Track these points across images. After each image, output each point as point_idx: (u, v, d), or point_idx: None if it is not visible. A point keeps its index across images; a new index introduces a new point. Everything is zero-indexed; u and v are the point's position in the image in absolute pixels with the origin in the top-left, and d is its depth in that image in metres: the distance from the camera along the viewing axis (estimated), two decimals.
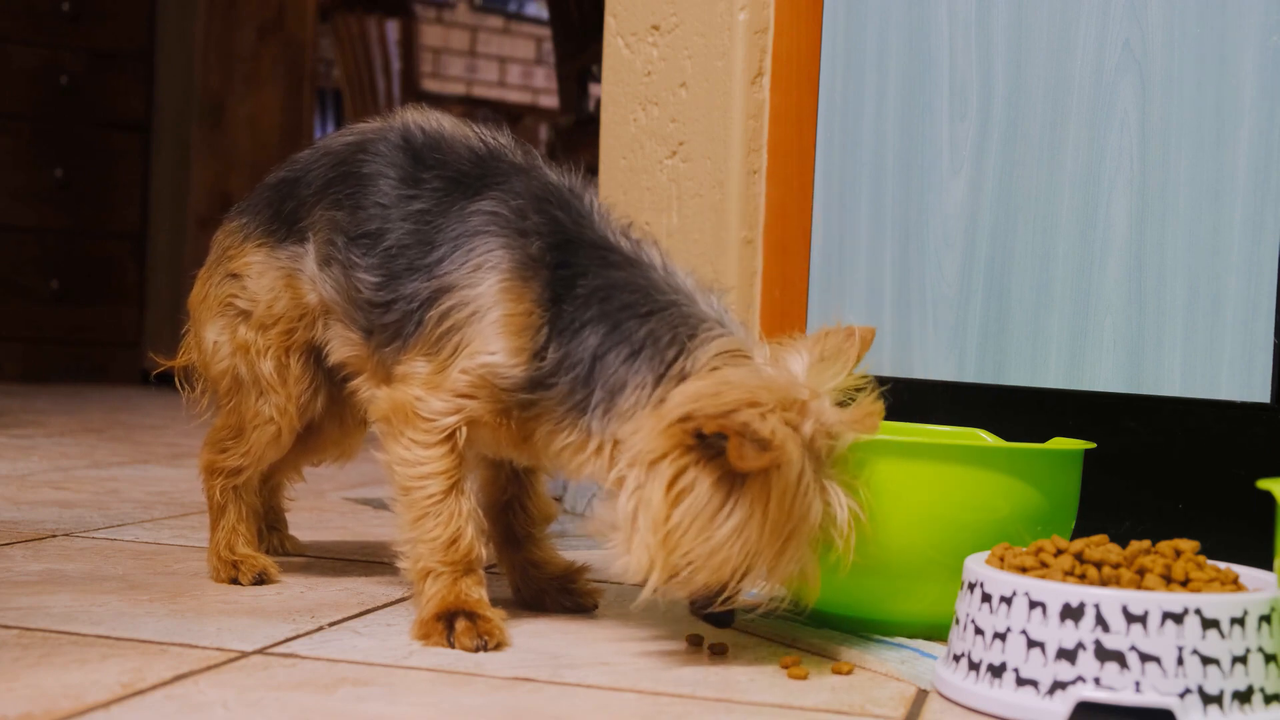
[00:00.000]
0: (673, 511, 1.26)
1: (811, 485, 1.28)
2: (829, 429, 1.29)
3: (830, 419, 1.30)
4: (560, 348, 1.35)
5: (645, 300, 1.35)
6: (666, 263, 1.40)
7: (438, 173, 1.47)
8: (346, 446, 1.75)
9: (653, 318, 1.34)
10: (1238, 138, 1.64)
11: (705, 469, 1.26)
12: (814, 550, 1.31)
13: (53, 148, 4.93)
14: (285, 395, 1.60)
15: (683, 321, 1.34)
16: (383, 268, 1.46)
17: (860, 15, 2.04)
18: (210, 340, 1.63)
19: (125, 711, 1.08)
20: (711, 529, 1.26)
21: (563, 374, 1.35)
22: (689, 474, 1.26)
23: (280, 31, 5.11)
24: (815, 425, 1.28)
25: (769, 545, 1.27)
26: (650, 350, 1.32)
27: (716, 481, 1.26)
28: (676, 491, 1.26)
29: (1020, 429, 1.69)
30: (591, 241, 1.39)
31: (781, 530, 1.27)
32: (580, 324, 1.35)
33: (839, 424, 1.30)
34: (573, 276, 1.37)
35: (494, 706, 1.15)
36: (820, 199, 2.10)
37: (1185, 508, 1.67)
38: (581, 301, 1.36)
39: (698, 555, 1.27)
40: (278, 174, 1.63)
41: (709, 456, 1.26)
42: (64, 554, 1.75)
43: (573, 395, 1.35)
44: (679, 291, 1.36)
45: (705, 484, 1.26)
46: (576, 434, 1.36)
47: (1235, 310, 1.63)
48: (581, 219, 1.41)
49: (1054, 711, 1.16)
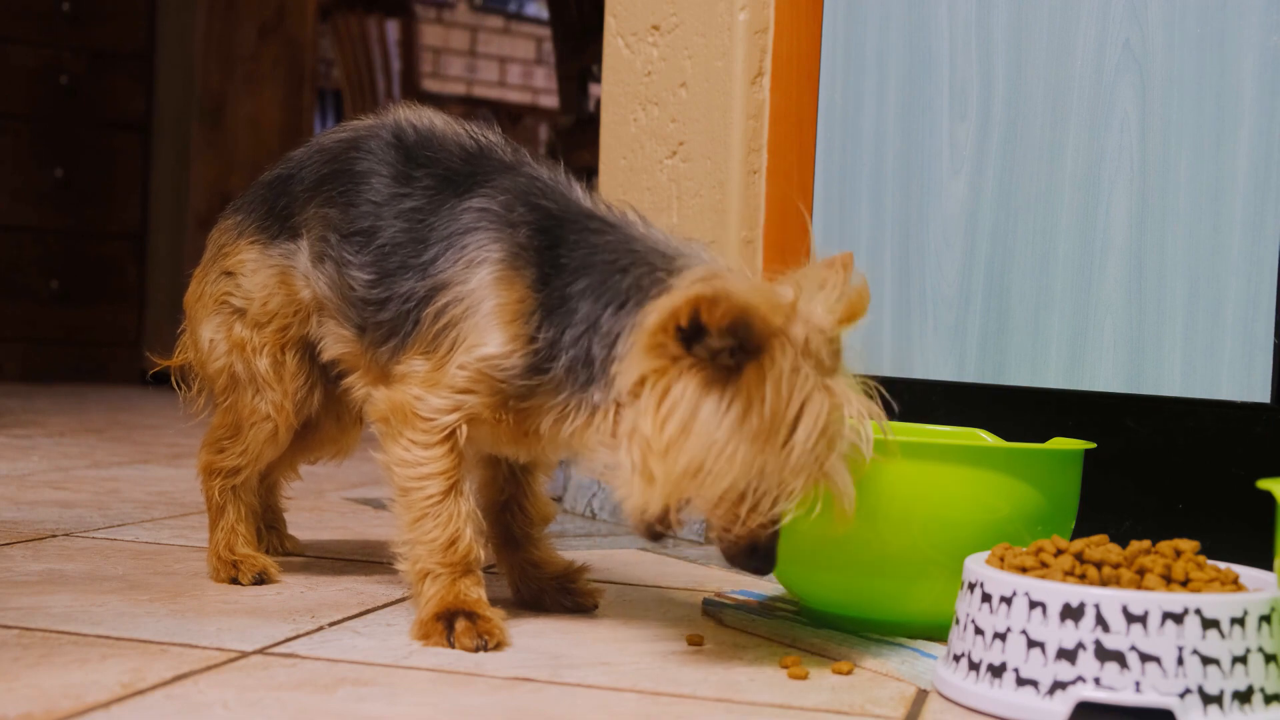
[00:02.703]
0: (665, 426, 1.22)
1: (811, 379, 1.23)
2: (821, 327, 1.25)
3: (820, 317, 1.25)
4: (553, 327, 1.35)
5: (626, 254, 1.35)
6: (647, 223, 1.40)
7: (429, 170, 1.47)
8: (343, 444, 1.75)
9: (634, 268, 1.33)
10: (1238, 138, 1.64)
11: (691, 375, 1.22)
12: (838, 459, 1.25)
13: (53, 148, 4.93)
14: (281, 392, 1.60)
15: (664, 263, 1.33)
16: (376, 265, 1.46)
17: (860, 15, 2.04)
18: (206, 338, 1.63)
19: (125, 711, 1.08)
20: (709, 432, 1.21)
21: (560, 356, 1.34)
22: (676, 387, 1.23)
23: (280, 31, 5.11)
24: (806, 326, 1.24)
25: (773, 444, 1.22)
26: (636, 296, 1.31)
27: (704, 384, 1.22)
28: (666, 407, 1.23)
29: (1020, 429, 1.69)
30: (574, 217, 1.39)
31: (784, 424, 1.22)
32: (572, 296, 1.35)
33: (830, 319, 1.26)
34: (560, 254, 1.37)
35: (494, 706, 1.15)
36: (820, 199, 2.10)
37: (1185, 508, 1.67)
38: (570, 274, 1.36)
39: (702, 464, 1.22)
40: (273, 171, 1.63)
41: (692, 363, 1.22)
42: (64, 554, 1.75)
43: (572, 376, 1.34)
44: (660, 243, 1.36)
45: (692, 389, 1.22)
46: (583, 412, 1.34)
47: (1235, 310, 1.63)
48: (568, 203, 1.41)
49: (1054, 711, 1.16)
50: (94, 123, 5.00)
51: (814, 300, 1.26)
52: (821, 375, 1.24)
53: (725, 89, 2.14)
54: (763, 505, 1.25)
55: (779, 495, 1.24)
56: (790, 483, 1.24)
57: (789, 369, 1.22)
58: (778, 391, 1.22)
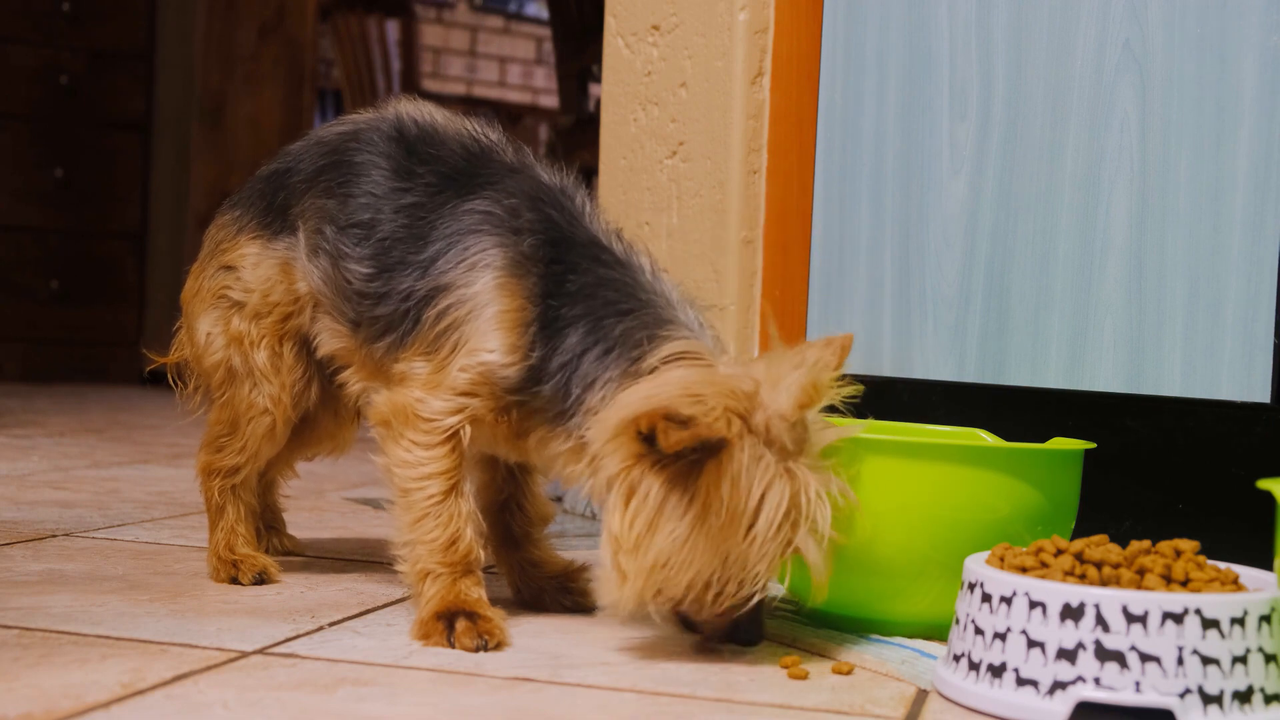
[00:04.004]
0: (633, 524, 1.26)
1: (772, 468, 1.26)
2: (783, 413, 1.27)
3: (782, 403, 1.27)
4: (546, 344, 1.36)
5: (627, 299, 1.36)
6: (655, 268, 1.41)
7: (431, 167, 1.47)
8: (341, 439, 1.75)
9: (629, 316, 1.34)
10: (1238, 138, 1.64)
11: (655, 473, 1.26)
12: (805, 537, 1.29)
13: (53, 148, 4.92)
14: (279, 384, 1.60)
15: (655, 322, 1.34)
16: (374, 259, 1.46)
17: (860, 15, 2.04)
18: (203, 333, 1.63)
19: (125, 711, 1.08)
20: (671, 529, 1.25)
21: (547, 379, 1.36)
22: (641, 485, 1.26)
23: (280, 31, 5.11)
24: (766, 413, 1.27)
25: (735, 536, 1.25)
26: (621, 349, 1.33)
27: (668, 482, 1.26)
28: (634, 506, 1.26)
29: (1020, 429, 1.69)
30: (584, 241, 1.40)
31: (743, 516, 1.25)
32: (565, 321, 1.36)
33: (791, 404, 1.27)
34: (564, 273, 1.38)
35: (494, 706, 1.15)
36: (820, 199, 2.10)
37: (1185, 508, 1.67)
38: (569, 298, 1.36)
39: (668, 559, 1.26)
40: (270, 165, 1.63)
41: (656, 460, 1.26)
42: (64, 554, 1.75)
43: (555, 402, 1.36)
44: (660, 295, 1.37)
45: (656, 486, 1.26)
46: (571, 441, 1.36)
47: (1235, 310, 1.63)
48: (574, 218, 1.42)
49: (1054, 711, 1.16)
50: (94, 123, 4.99)
51: (778, 386, 1.28)
52: (784, 459, 1.27)
53: (725, 89, 2.14)
54: (728, 590, 1.29)
55: (744, 580, 1.28)
56: (754, 568, 1.28)
57: (748, 461, 1.25)
58: (735, 487, 1.25)
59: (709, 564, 1.27)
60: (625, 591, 1.28)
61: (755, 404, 1.27)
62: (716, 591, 1.28)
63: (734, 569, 1.27)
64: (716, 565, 1.27)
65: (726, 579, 1.28)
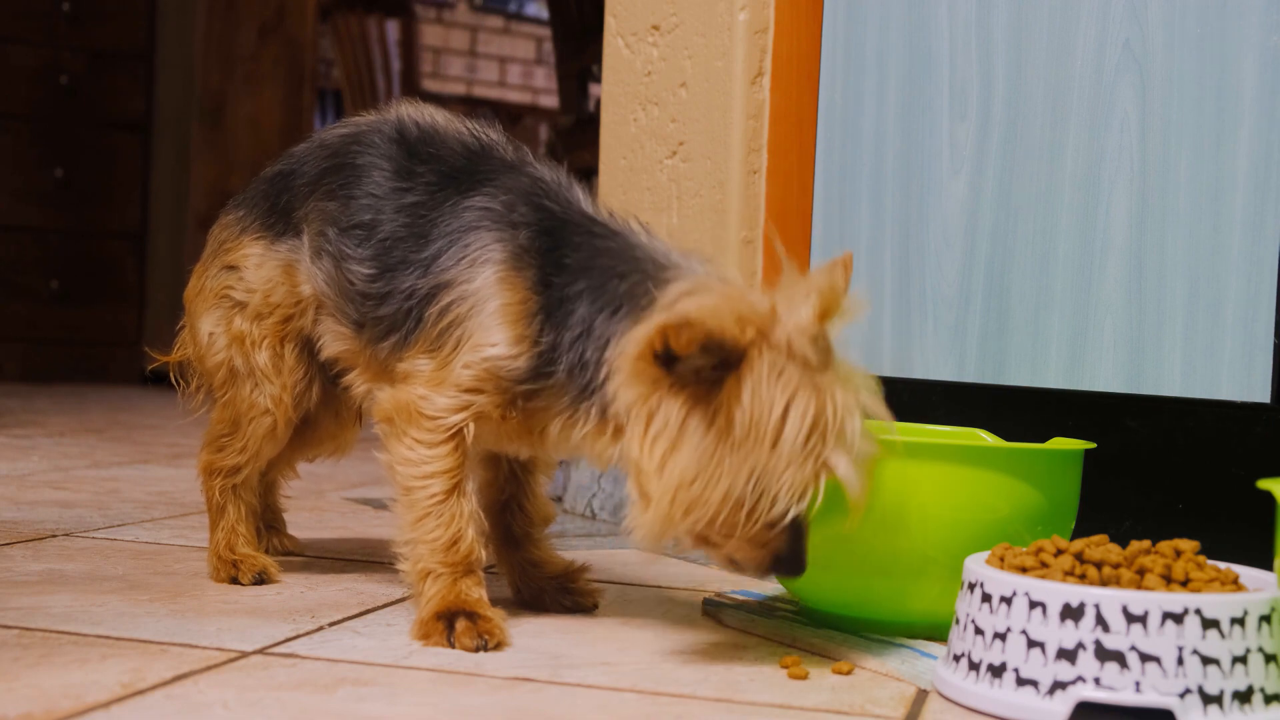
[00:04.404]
0: (654, 447, 1.24)
1: (795, 381, 1.23)
2: (803, 327, 1.25)
3: (802, 316, 1.25)
4: (553, 329, 1.36)
5: (624, 261, 1.35)
6: (649, 231, 1.40)
7: (431, 167, 1.47)
8: (342, 440, 1.75)
9: (631, 275, 1.34)
10: (1238, 138, 1.64)
11: (674, 396, 1.24)
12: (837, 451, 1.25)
13: (53, 148, 4.92)
14: (280, 385, 1.60)
15: (657, 270, 1.33)
16: (376, 260, 1.46)
17: (860, 15, 2.04)
18: (205, 332, 1.63)
19: (125, 711, 1.08)
20: (695, 445, 1.23)
21: (560, 360, 1.35)
22: (661, 409, 1.24)
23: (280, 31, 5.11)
24: (786, 328, 1.24)
25: (761, 447, 1.22)
26: (628, 305, 1.32)
27: (688, 402, 1.23)
28: (654, 430, 1.24)
29: (1020, 429, 1.69)
30: (577, 220, 1.40)
31: (768, 426, 1.22)
32: (570, 297, 1.35)
33: (811, 317, 1.25)
34: (561, 255, 1.38)
35: (494, 706, 1.15)
36: (820, 199, 2.10)
37: (1185, 508, 1.67)
38: (570, 275, 1.36)
39: (694, 476, 1.23)
40: (274, 167, 1.63)
41: (674, 383, 1.24)
42: (64, 554, 1.75)
43: (573, 380, 1.35)
44: (657, 252, 1.36)
45: (676, 408, 1.23)
46: (592, 420, 1.35)
47: (1235, 310, 1.63)
48: (569, 205, 1.42)
49: (1054, 711, 1.16)
50: (94, 123, 5.00)
51: (794, 302, 1.26)
52: (809, 374, 1.24)
53: (725, 89, 2.14)
54: (761, 505, 1.25)
55: (777, 493, 1.24)
56: (785, 480, 1.24)
57: (768, 373, 1.23)
58: (757, 396, 1.22)
59: (737, 480, 1.23)
60: (651, 514, 1.25)
61: (773, 319, 1.24)
62: (749, 509, 1.24)
63: (764, 484, 1.23)
64: (745, 481, 1.23)
65: (758, 494, 1.24)
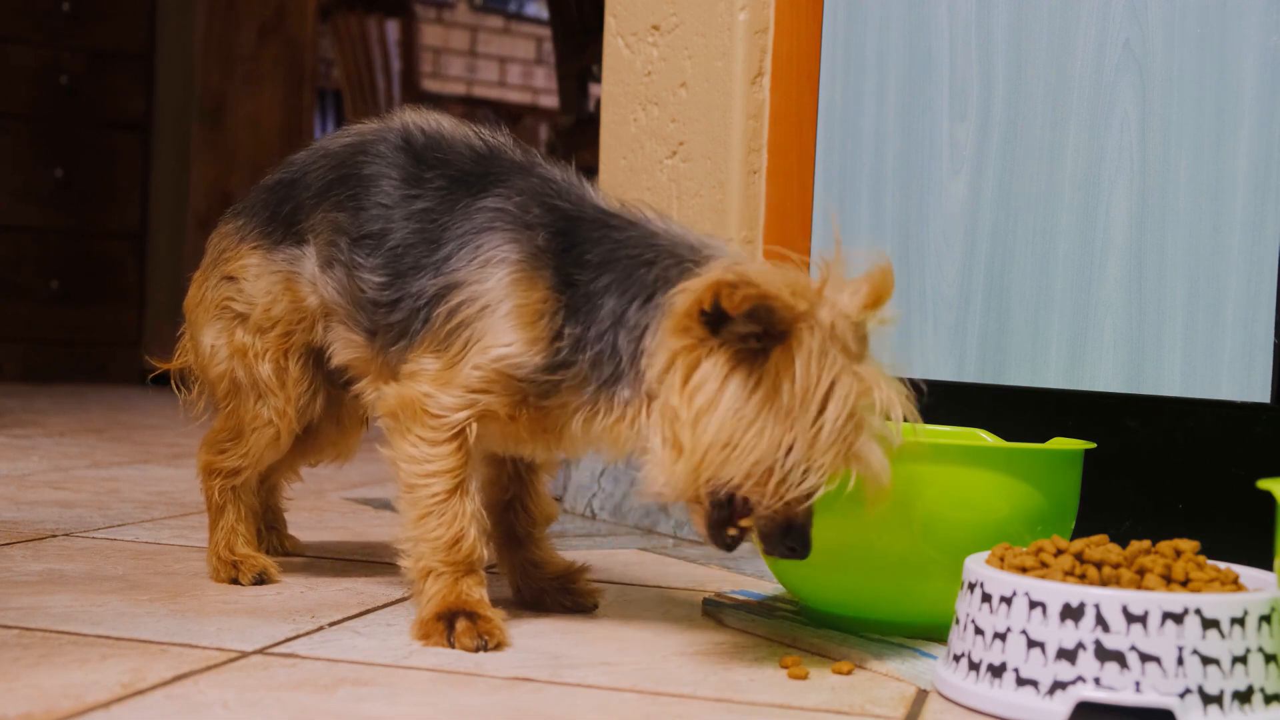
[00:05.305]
0: (694, 399, 1.24)
1: (839, 362, 1.24)
2: (847, 313, 1.25)
3: (846, 303, 1.25)
4: (578, 324, 1.35)
5: (650, 248, 1.35)
6: (665, 218, 1.40)
7: (440, 172, 1.47)
8: (344, 447, 1.75)
9: (659, 261, 1.34)
10: (1238, 138, 1.64)
11: (718, 354, 1.24)
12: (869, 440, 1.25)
13: (53, 148, 4.92)
14: (284, 398, 1.59)
15: (689, 253, 1.34)
16: (388, 267, 1.45)
17: (860, 15, 2.04)
18: (207, 344, 1.63)
19: (125, 711, 1.08)
20: (736, 407, 1.23)
21: (584, 351, 1.35)
22: (704, 364, 1.24)
23: (280, 31, 5.11)
24: (832, 311, 1.25)
25: (803, 420, 1.22)
26: (663, 288, 1.32)
27: (731, 362, 1.23)
28: (695, 381, 1.24)
29: (1020, 429, 1.69)
30: (592, 216, 1.40)
31: (813, 401, 1.22)
32: (596, 293, 1.35)
33: (856, 305, 1.26)
34: (581, 253, 1.37)
35: (494, 706, 1.15)
36: (820, 199, 2.10)
37: (1185, 508, 1.67)
38: (594, 271, 1.36)
39: (730, 437, 1.23)
40: (274, 176, 1.62)
41: (719, 344, 1.24)
42: (64, 554, 1.75)
43: (598, 371, 1.34)
44: (679, 237, 1.37)
45: (719, 365, 1.24)
46: (615, 409, 1.34)
47: (1235, 310, 1.63)
48: (582, 202, 1.42)
49: (1054, 711, 1.16)
50: (94, 123, 5.00)
51: (841, 287, 1.27)
52: (849, 360, 1.25)
53: (725, 89, 2.14)
54: (792, 478, 1.25)
55: (809, 469, 1.24)
56: (820, 458, 1.24)
57: (817, 350, 1.23)
58: (807, 370, 1.22)
59: (773, 447, 1.23)
60: (680, 468, 1.25)
61: (821, 300, 1.25)
62: (780, 479, 1.24)
63: (799, 455, 1.23)
64: (782, 450, 1.23)
65: (791, 465, 1.23)
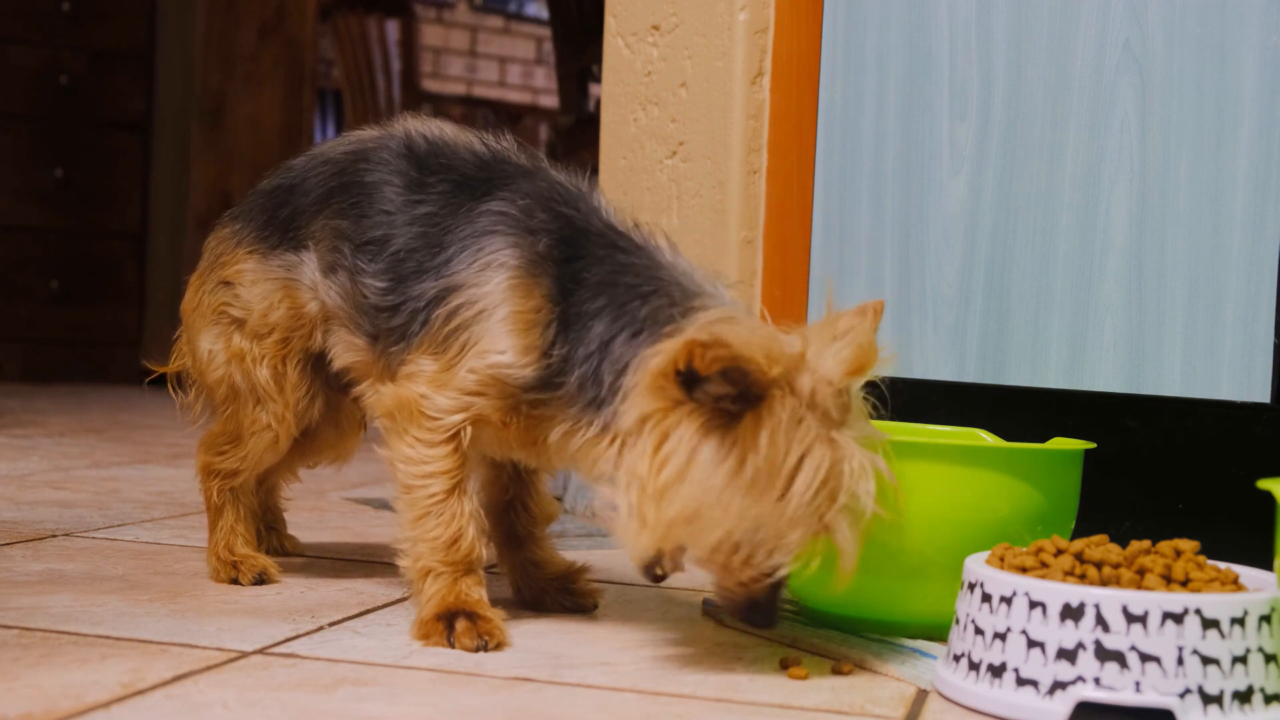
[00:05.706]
0: (662, 470, 1.22)
1: (813, 432, 1.21)
2: (830, 379, 1.23)
3: (830, 369, 1.23)
4: (567, 343, 1.34)
5: (649, 281, 1.33)
6: (675, 250, 1.39)
7: (443, 176, 1.46)
8: (342, 450, 1.75)
9: (654, 297, 1.32)
10: (1238, 138, 1.64)
11: (691, 420, 1.22)
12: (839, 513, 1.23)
13: (53, 148, 4.92)
14: (283, 403, 1.59)
15: (683, 297, 1.32)
16: (390, 272, 1.45)
17: (860, 15, 2.04)
18: (205, 349, 1.62)
19: (125, 711, 1.08)
20: (704, 479, 1.21)
21: (571, 371, 1.34)
22: (675, 430, 1.22)
23: (280, 31, 5.11)
24: (813, 377, 1.22)
25: (769, 495, 1.20)
26: (649, 329, 1.30)
27: (703, 429, 1.21)
28: (665, 450, 1.22)
29: (1020, 429, 1.69)
30: (599, 232, 1.38)
31: (780, 475, 1.20)
32: (589, 314, 1.34)
33: (840, 371, 1.23)
34: (582, 268, 1.36)
35: (494, 707, 1.15)
36: (820, 199, 2.10)
37: (1185, 508, 1.67)
38: (591, 290, 1.35)
39: (696, 511, 1.21)
40: (272, 181, 1.62)
41: (693, 408, 1.22)
42: (64, 554, 1.75)
43: (584, 392, 1.33)
44: (682, 274, 1.35)
45: (691, 433, 1.21)
46: (594, 429, 1.33)
47: (1235, 310, 1.63)
48: (590, 213, 1.40)
49: (1054, 711, 1.16)
50: (94, 123, 4.99)
51: (824, 351, 1.24)
52: (827, 428, 1.23)
53: (725, 89, 2.14)
54: (757, 557, 1.24)
55: (775, 548, 1.23)
56: (786, 535, 1.23)
57: (788, 420, 1.21)
58: (774, 442, 1.20)
59: (739, 523, 1.21)
60: (643, 540, 1.24)
61: (802, 366, 1.22)
62: (745, 556, 1.23)
63: (765, 533, 1.22)
64: (748, 526, 1.22)
65: (756, 544, 1.23)
